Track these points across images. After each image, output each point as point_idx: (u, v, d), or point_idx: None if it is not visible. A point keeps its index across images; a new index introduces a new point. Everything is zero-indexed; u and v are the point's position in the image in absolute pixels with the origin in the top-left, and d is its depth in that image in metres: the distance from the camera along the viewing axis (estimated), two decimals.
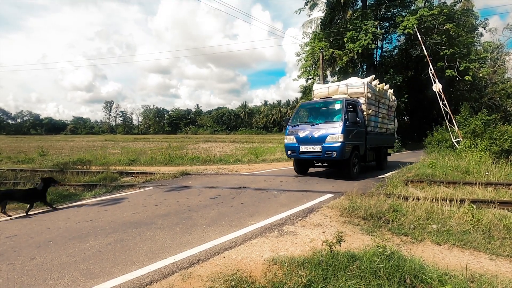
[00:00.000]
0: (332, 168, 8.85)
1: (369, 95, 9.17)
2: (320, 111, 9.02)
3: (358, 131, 8.36)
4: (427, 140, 16.70)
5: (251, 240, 3.59)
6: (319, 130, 7.98)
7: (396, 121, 12.43)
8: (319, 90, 10.24)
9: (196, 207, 5.30)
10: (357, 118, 8.22)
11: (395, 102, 12.24)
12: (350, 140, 7.89)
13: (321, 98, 9.93)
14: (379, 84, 10.33)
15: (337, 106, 8.36)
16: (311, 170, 10.33)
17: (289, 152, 8.65)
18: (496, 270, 2.83)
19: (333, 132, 7.69)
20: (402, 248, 3.30)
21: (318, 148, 7.85)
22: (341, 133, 7.54)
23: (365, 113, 9.07)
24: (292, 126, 8.80)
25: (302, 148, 8.21)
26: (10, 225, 4.46)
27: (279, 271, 2.69)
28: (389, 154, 12.36)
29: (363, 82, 9.15)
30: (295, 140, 8.46)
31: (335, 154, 7.54)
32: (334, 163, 8.20)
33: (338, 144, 7.54)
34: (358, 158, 8.59)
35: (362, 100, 9.14)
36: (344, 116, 7.75)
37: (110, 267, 2.89)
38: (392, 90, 12.07)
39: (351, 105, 8.56)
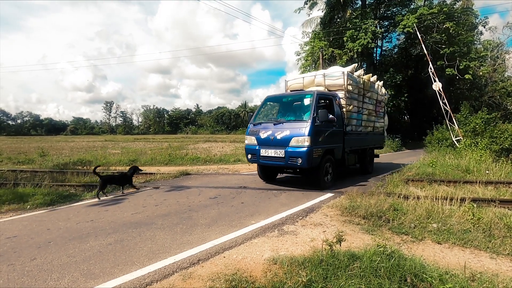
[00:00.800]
0: (305, 176, 7.47)
1: (350, 87, 7.60)
2: (288, 107, 7.54)
3: (333, 131, 6.89)
4: (427, 139, 16.69)
5: (251, 240, 3.59)
6: (282, 131, 6.49)
7: (386, 118, 11.08)
8: (293, 82, 8.58)
9: (196, 207, 5.30)
10: (331, 116, 6.84)
11: (386, 97, 10.61)
12: (321, 143, 6.45)
13: (291, 91, 8.32)
14: (364, 75, 8.87)
15: (306, 101, 6.82)
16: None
17: (249, 156, 7.17)
18: (497, 269, 2.83)
19: (298, 133, 6.22)
20: (403, 247, 3.30)
21: (280, 152, 6.41)
22: (308, 135, 6.10)
23: (344, 109, 7.52)
24: (254, 125, 7.26)
25: (263, 152, 6.75)
26: (10, 226, 4.46)
27: (280, 271, 2.69)
28: (377, 156, 10.85)
29: (343, 72, 7.53)
30: (255, 142, 7.02)
31: (301, 161, 6.10)
32: (305, 170, 6.80)
33: (304, 149, 6.09)
34: (333, 163, 7.08)
35: (341, 94, 7.55)
36: (313, 114, 6.26)
37: (110, 268, 2.89)
38: (382, 82, 10.34)
39: (325, 99, 7.20)
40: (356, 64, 8.67)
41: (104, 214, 4.98)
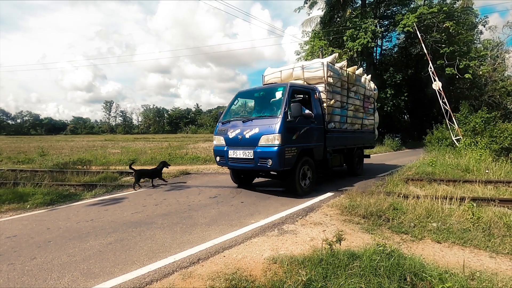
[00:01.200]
0: (284, 180, 6.36)
1: (331, 79, 6.88)
2: (260, 102, 6.74)
3: (310, 129, 6.13)
4: (427, 138, 16.68)
5: (251, 239, 3.60)
6: (251, 129, 5.69)
7: (377, 115, 10.14)
8: (271, 76, 7.93)
9: (196, 206, 5.30)
10: (308, 111, 6.17)
11: (375, 92, 9.79)
12: (295, 141, 5.67)
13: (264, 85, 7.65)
14: (348, 67, 8.22)
15: (278, 95, 6.06)
16: None
17: (217, 158, 6.39)
18: (496, 268, 2.83)
19: (268, 130, 5.44)
20: (402, 247, 3.30)
21: (249, 153, 5.61)
22: (278, 133, 5.30)
23: (325, 104, 6.76)
24: (223, 123, 6.47)
25: (232, 154, 5.96)
26: (10, 225, 4.46)
27: (279, 270, 2.69)
28: (368, 156, 10.09)
29: (322, 63, 6.84)
30: (224, 142, 6.21)
31: (271, 163, 5.30)
32: (280, 173, 6.13)
33: (274, 148, 5.28)
34: (312, 166, 6.26)
35: (322, 87, 6.83)
36: (284, 108, 5.48)
37: (110, 267, 2.90)
38: (370, 76, 9.59)
39: (302, 93, 6.48)
40: (337, 54, 7.72)
41: (104, 213, 4.98)
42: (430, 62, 16.42)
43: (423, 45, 17.31)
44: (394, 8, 24.51)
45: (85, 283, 2.61)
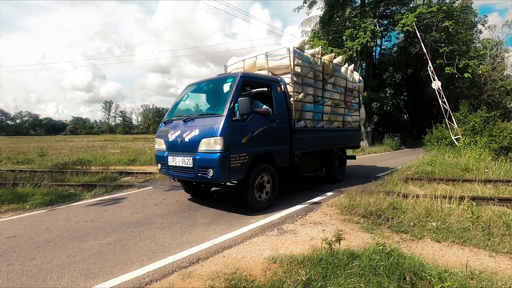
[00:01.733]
0: (239, 192, 5.06)
1: (299, 69, 5.67)
2: (209, 97, 5.58)
3: (269, 129, 4.89)
4: (426, 137, 16.68)
5: (250, 239, 3.60)
6: (192, 130, 4.57)
7: (363, 110, 8.93)
8: (233, 66, 6.73)
9: (196, 206, 5.30)
10: (265, 107, 4.96)
11: (360, 84, 8.51)
12: (246, 145, 4.49)
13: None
14: (324, 55, 7.14)
15: (226, 88, 4.86)
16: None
17: (159, 166, 5.26)
18: (496, 267, 2.83)
19: (208, 132, 4.32)
20: (402, 246, 3.30)
21: (188, 161, 4.48)
22: (220, 135, 4.19)
23: (292, 99, 5.54)
24: (165, 123, 5.31)
25: (171, 161, 4.81)
26: (9, 226, 4.46)
27: (279, 270, 2.69)
28: (353, 157, 9.01)
29: (288, 49, 5.62)
30: (164, 146, 5.08)
31: (212, 173, 4.19)
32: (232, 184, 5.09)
33: (216, 156, 4.16)
34: (274, 174, 5.04)
35: (288, 78, 5.65)
36: (230, 104, 4.36)
37: (110, 267, 2.89)
38: (352, 66, 8.32)
39: (258, 85, 5.40)
40: (306, 38, 6.92)
41: (103, 213, 4.98)
42: (429, 61, 16.42)
43: (422, 44, 17.32)
44: (393, 8, 24.51)
45: (84, 283, 2.61)
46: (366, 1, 23.66)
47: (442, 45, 19.73)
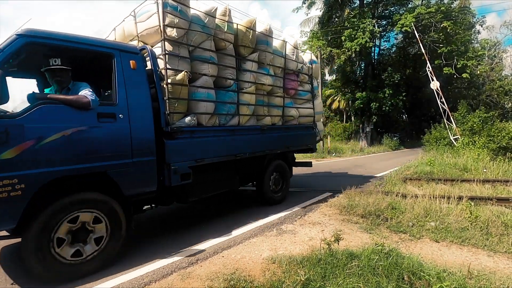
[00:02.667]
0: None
1: (175, 32, 3.56)
2: None
3: (97, 130, 2.87)
4: (425, 137, 16.72)
5: (250, 239, 3.60)
6: None
7: (318, 101, 6.88)
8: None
9: (193, 206, 5.29)
10: (85, 93, 2.83)
11: (311, 66, 6.34)
12: (18, 163, 2.39)
13: None
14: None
15: None
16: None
17: None
18: (494, 267, 2.84)
19: None
20: (401, 246, 3.31)
21: None
22: None
23: (164, 82, 3.49)
24: None
25: None
26: None
27: (278, 270, 2.69)
28: (308, 164, 6.68)
29: (157, 2, 3.59)
30: None
31: None
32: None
33: None
34: (112, 213, 2.93)
35: (158, 49, 3.68)
36: None
37: (109, 267, 2.89)
38: (297, 40, 6.09)
39: (76, 53, 3.09)
40: None
41: None
42: (428, 61, 16.47)
43: (421, 45, 17.38)
44: (392, 8, 24.57)
45: (84, 283, 2.60)
46: (364, 2, 23.71)
47: (441, 45, 19.79)
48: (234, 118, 4.39)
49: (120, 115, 3.02)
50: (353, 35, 19.99)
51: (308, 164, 6.75)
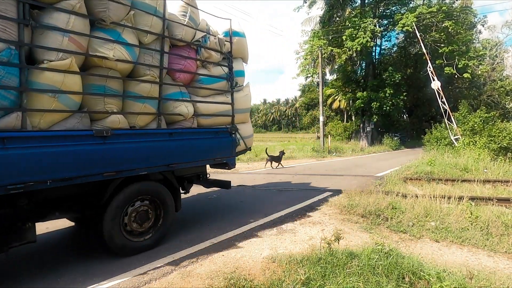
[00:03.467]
0: None
1: None
2: None
3: None
4: (426, 138, 16.71)
5: (250, 238, 3.60)
6: None
7: (242, 95, 4.72)
8: None
9: (194, 205, 5.30)
10: None
11: (235, 41, 4.48)
12: None
13: None
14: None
15: None
16: (306, 162, 10.32)
17: None
18: (494, 267, 2.84)
19: None
20: (401, 245, 3.31)
21: None
22: None
23: None
24: None
25: None
26: None
27: (278, 269, 2.70)
28: (225, 185, 4.61)
29: None
30: None
31: None
32: None
33: None
34: None
35: None
36: None
37: (109, 266, 2.89)
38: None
39: None
40: None
41: None
42: (429, 61, 16.43)
43: (422, 44, 17.34)
44: (393, 8, 24.51)
45: (84, 282, 2.61)
46: (366, 1, 23.68)
47: (442, 45, 19.75)
48: (10, 116, 2.35)
49: None
50: (354, 35, 19.95)
51: (225, 185, 4.60)
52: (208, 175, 4.46)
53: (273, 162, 10.35)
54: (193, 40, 3.86)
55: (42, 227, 3.71)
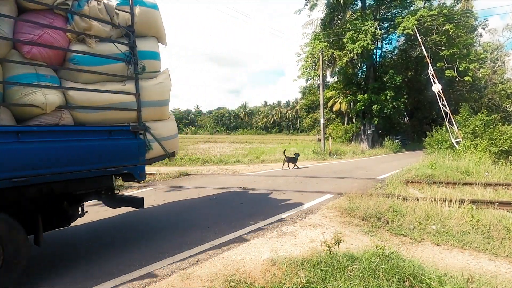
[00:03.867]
0: None
1: None
2: None
3: None
4: (426, 140, 16.68)
5: (250, 241, 3.59)
6: None
7: (157, 83, 3.61)
8: None
9: (195, 207, 5.30)
10: None
11: (138, 12, 3.37)
12: None
13: None
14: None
15: None
16: (306, 164, 10.33)
17: None
18: (496, 271, 2.83)
19: None
20: (402, 249, 3.30)
21: None
22: None
23: None
24: None
25: None
26: None
27: (278, 272, 2.68)
28: (138, 204, 3.56)
29: None
30: None
31: None
32: None
33: None
34: None
35: None
36: None
37: (109, 268, 2.89)
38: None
39: None
40: None
41: (103, 213, 4.97)
42: (430, 64, 16.45)
43: (423, 47, 17.37)
44: (394, 11, 24.57)
45: (84, 283, 2.60)
46: (367, 4, 23.76)
47: (443, 48, 19.76)
48: None
49: None
50: (355, 37, 20.00)
51: (137, 204, 3.59)
52: (117, 191, 3.44)
53: (289, 163, 10.80)
54: (56, 2, 2.81)
55: None
